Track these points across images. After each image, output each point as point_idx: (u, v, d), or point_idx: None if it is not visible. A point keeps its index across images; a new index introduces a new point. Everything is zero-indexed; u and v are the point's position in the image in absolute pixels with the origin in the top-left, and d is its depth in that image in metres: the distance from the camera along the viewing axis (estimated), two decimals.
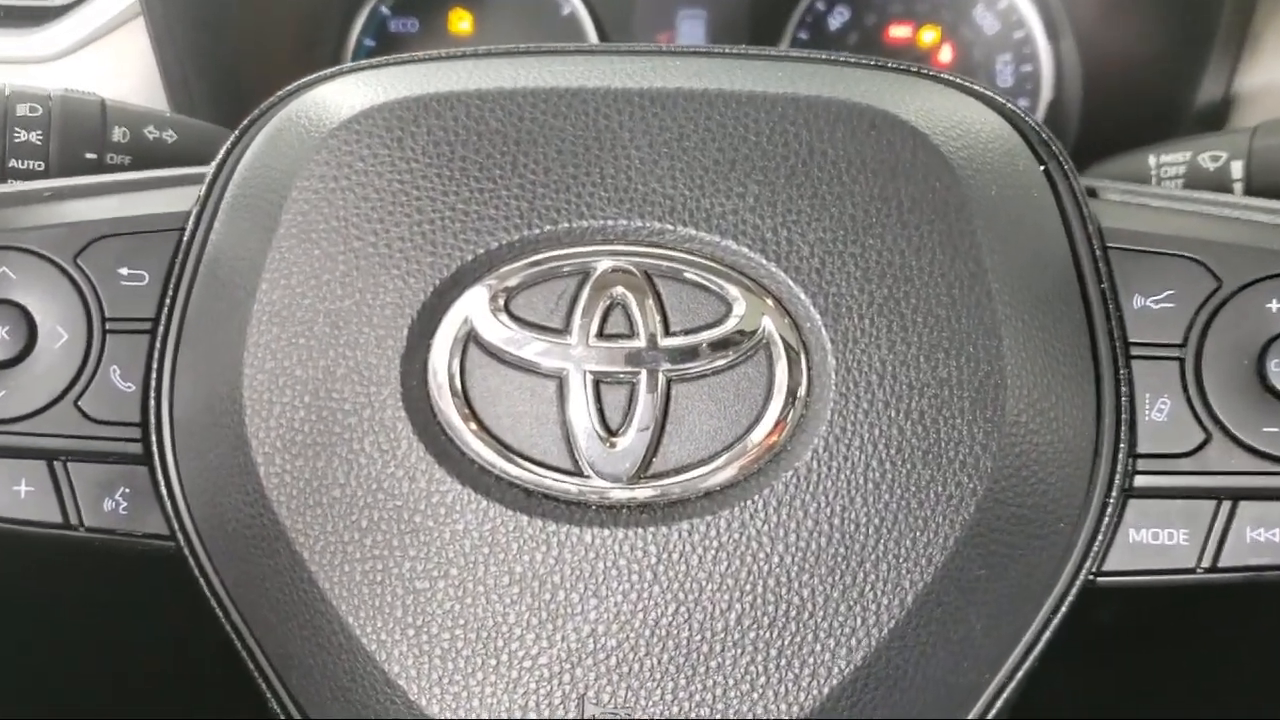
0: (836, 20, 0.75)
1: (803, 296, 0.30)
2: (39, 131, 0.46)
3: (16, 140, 0.45)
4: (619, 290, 0.30)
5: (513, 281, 0.30)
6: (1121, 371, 0.32)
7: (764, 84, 0.32)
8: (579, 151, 0.31)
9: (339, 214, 0.31)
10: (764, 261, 0.30)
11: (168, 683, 0.56)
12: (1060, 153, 0.34)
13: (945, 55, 0.74)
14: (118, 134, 0.48)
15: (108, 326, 0.35)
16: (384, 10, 0.76)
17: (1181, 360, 0.32)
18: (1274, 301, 0.32)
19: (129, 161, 0.48)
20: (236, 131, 0.36)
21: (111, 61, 0.64)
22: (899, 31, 0.74)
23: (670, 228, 0.30)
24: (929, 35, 0.74)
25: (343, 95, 0.34)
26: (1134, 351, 0.33)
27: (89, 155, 0.47)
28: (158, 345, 0.35)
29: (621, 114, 0.31)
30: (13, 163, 0.46)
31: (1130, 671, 0.54)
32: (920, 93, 0.34)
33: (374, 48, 0.77)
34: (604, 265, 0.30)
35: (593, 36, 0.75)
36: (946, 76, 0.35)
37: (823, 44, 0.75)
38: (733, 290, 0.30)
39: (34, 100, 0.46)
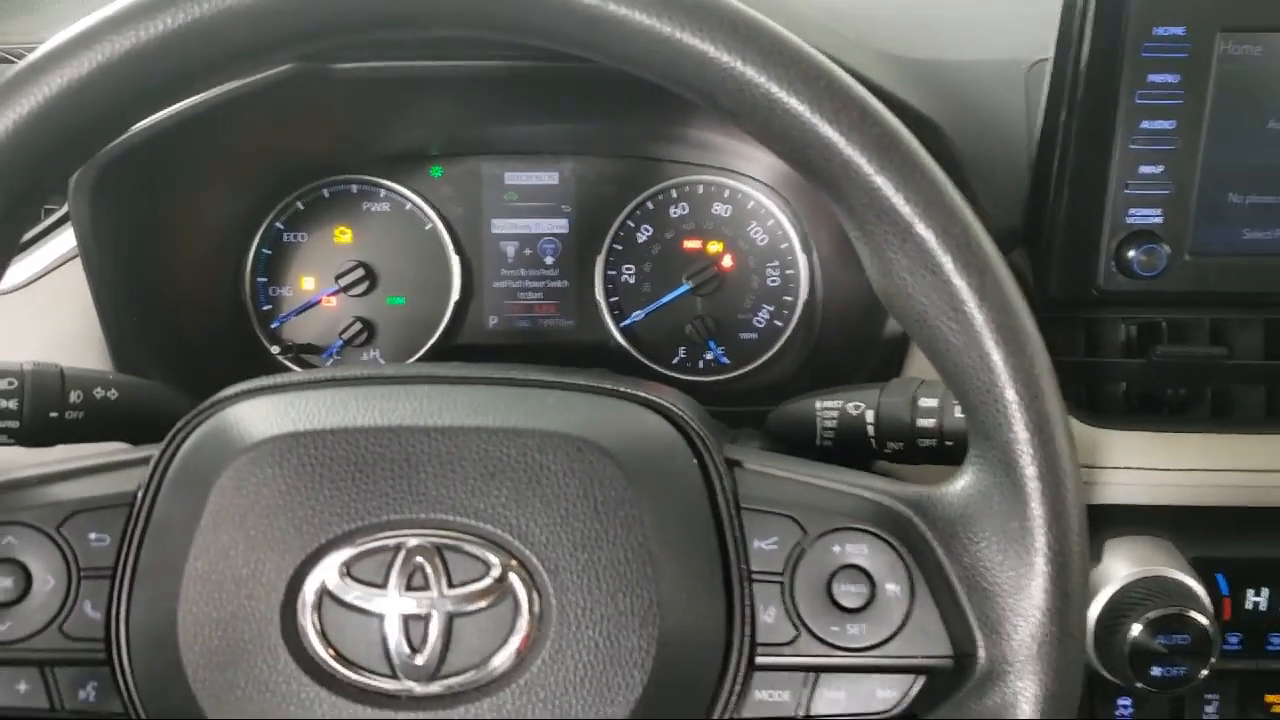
0: (643, 235, 0.94)
1: (536, 561, 0.48)
2: (15, 400, 0.62)
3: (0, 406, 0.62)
4: (419, 559, 0.48)
5: (351, 555, 0.48)
6: (746, 591, 0.51)
7: (517, 418, 0.50)
8: (394, 471, 0.49)
9: (240, 512, 0.48)
10: (511, 539, 0.48)
11: None
12: (705, 445, 0.52)
13: (728, 261, 0.93)
14: (74, 396, 0.64)
15: (81, 574, 0.51)
16: (279, 226, 0.93)
17: (782, 583, 0.51)
18: (837, 546, 0.51)
19: (82, 416, 0.64)
20: (165, 442, 0.53)
21: (54, 295, 0.80)
22: (691, 244, 0.94)
23: (451, 518, 0.48)
24: (715, 246, 0.94)
25: (237, 425, 0.51)
26: (754, 577, 0.51)
27: (52, 414, 0.63)
28: (116, 587, 0.51)
29: (422, 444, 0.49)
30: None
31: None
32: (619, 415, 0.52)
33: (270, 255, 0.93)
34: (410, 543, 0.48)
35: (449, 245, 0.93)
36: (642, 395, 0.54)
37: (632, 254, 0.93)
38: (492, 557, 0.48)
39: (10, 375, 0.62)
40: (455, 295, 0.93)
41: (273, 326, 0.93)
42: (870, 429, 0.63)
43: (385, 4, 0.46)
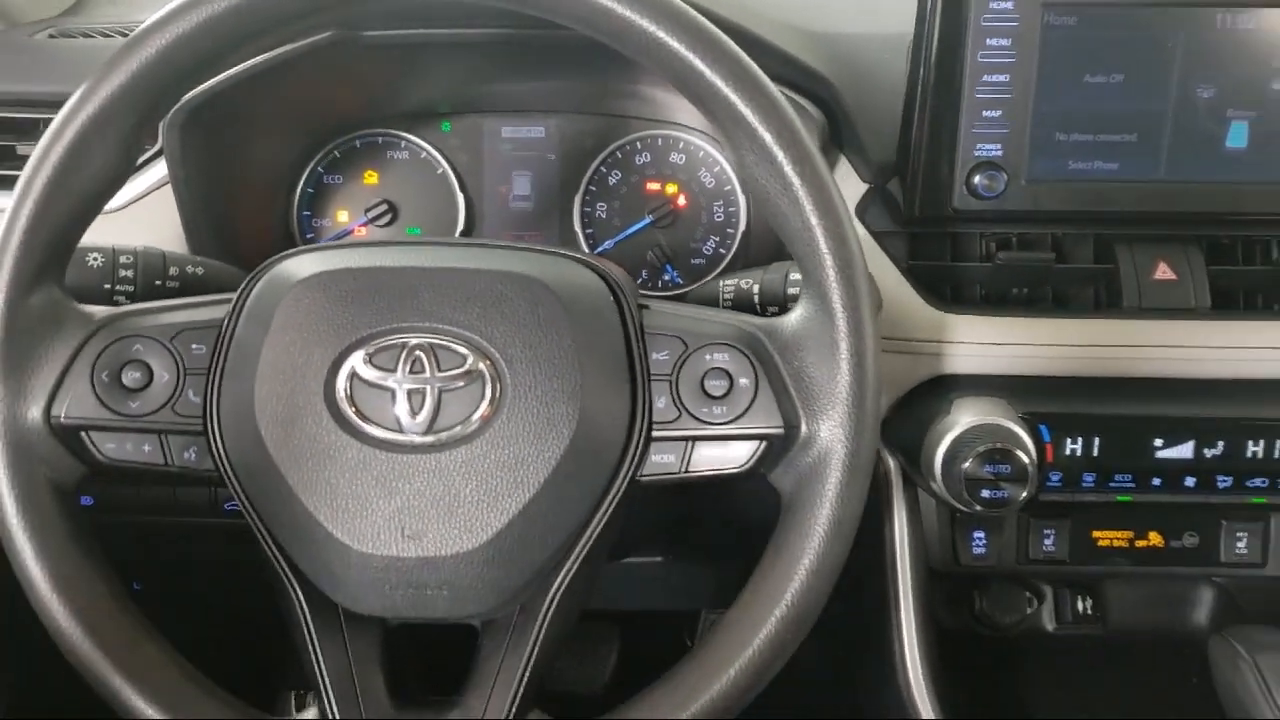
0: (613, 179, 1.14)
1: (497, 355, 0.69)
2: (131, 271, 0.85)
3: (120, 275, 0.84)
4: (419, 353, 0.69)
5: (372, 350, 0.69)
6: (645, 386, 0.72)
7: (488, 263, 0.72)
8: (401, 295, 0.70)
9: (295, 324, 0.69)
10: (482, 342, 0.69)
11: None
12: (621, 291, 0.73)
13: (682, 200, 1.14)
14: (172, 270, 0.86)
15: (186, 372, 0.72)
16: (320, 170, 1.15)
17: (670, 380, 0.72)
18: (708, 355, 0.71)
19: (178, 285, 0.87)
20: (244, 283, 0.75)
21: (149, 213, 1.03)
22: (653, 185, 1.14)
23: (440, 326, 0.69)
24: (671, 188, 1.15)
25: (294, 268, 0.72)
26: (651, 377, 0.73)
27: (157, 282, 0.86)
28: (211, 380, 0.73)
29: (421, 278, 0.70)
30: (119, 287, 0.85)
31: None
32: (561, 266, 0.74)
33: (313, 193, 1.15)
34: (412, 342, 0.69)
35: (457, 186, 1.14)
36: (578, 256, 0.76)
37: (604, 194, 1.13)
38: (468, 352, 0.68)
39: (128, 253, 0.85)
40: (461, 226, 1.10)
41: None
42: (756, 298, 0.85)
43: None
